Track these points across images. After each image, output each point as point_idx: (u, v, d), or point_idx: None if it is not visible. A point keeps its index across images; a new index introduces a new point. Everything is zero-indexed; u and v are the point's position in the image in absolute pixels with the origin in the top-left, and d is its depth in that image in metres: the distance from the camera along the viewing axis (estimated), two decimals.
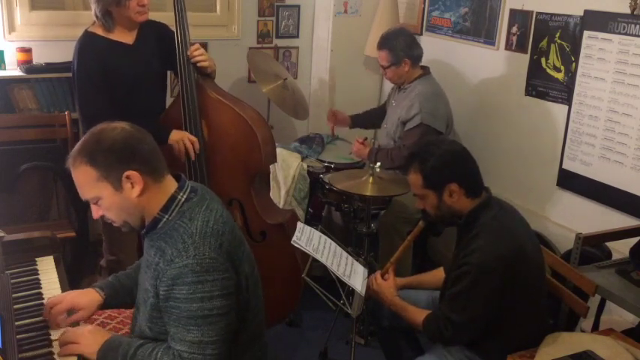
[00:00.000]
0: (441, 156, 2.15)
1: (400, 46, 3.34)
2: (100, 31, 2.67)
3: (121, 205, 1.67)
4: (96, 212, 1.72)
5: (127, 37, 2.71)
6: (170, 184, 1.73)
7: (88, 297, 1.88)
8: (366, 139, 3.62)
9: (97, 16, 2.65)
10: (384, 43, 3.39)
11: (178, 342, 1.62)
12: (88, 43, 2.66)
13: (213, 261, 1.63)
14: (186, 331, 1.61)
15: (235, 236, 1.75)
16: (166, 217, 1.69)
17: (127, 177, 1.64)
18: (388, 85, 4.25)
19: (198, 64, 2.78)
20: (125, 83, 2.69)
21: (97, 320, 2.12)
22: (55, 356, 1.69)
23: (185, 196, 1.72)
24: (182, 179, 1.77)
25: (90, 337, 1.72)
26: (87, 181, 1.65)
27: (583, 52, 3.01)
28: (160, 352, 1.65)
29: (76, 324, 1.83)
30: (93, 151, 1.64)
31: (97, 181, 1.64)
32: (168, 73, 2.98)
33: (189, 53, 2.76)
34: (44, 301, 1.89)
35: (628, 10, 2.78)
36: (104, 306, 1.93)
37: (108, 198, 1.66)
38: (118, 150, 1.65)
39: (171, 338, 1.64)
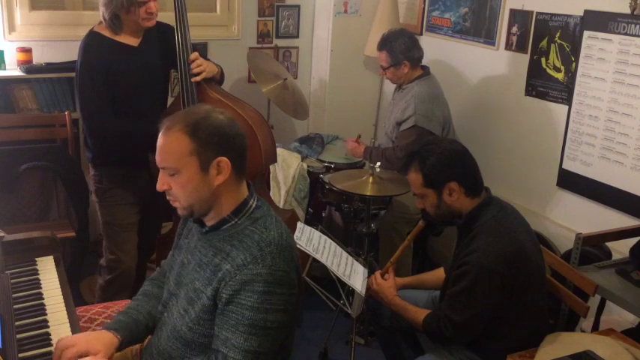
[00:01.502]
0: (441, 154, 2.15)
1: (400, 48, 3.34)
2: (106, 32, 2.67)
3: (198, 188, 1.61)
4: (164, 183, 1.64)
5: (132, 40, 2.71)
6: (244, 189, 1.70)
7: (104, 341, 1.69)
8: (359, 136, 3.62)
9: (104, 19, 2.65)
10: (384, 44, 3.39)
11: (232, 348, 1.57)
12: (93, 42, 2.66)
13: (285, 275, 1.60)
14: (243, 339, 1.56)
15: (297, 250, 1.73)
16: (235, 220, 1.66)
17: (219, 162, 1.60)
18: (388, 86, 4.25)
19: (194, 73, 2.79)
20: (129, 84, 2.69)
21: None
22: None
23: (255, 204, 1.69)
24: (251, 186, 1.73)
25: None
26: (178, 150, 1.59)
27: (583, 52, 3.01)
28: None
29: None
30: (198, 124, 1.59)
31: (188, 155, 1.58)
32: (171, 74, 2.98)
33: (190, 59, 2.77)
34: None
35: (628, 10, 2.78)
36: (120, 348, 1.77)
37: (189, 175, 1.60)
38: (222, 134, 1.61)
39: (222, 343, 1.59)
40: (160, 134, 1.63)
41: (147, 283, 1.97)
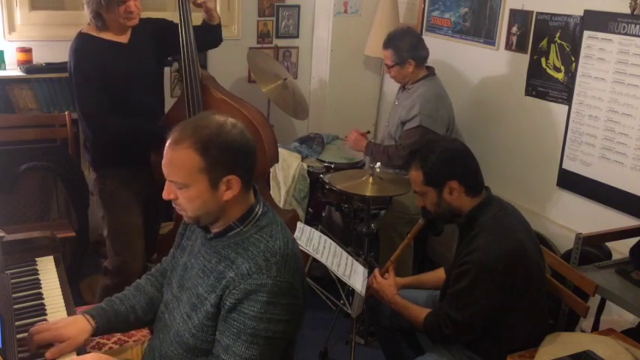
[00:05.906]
0: (442, 153, 2.15)
1: (405, 46, 3.33)
2: (93, 32, 2.67)
3: (206, 202, 1.59)
4: (170, 192, 1.60)
5: (120, 37, 2.70)
6: (251, 196, 1.67)
7: (76, 327, 1.71)
8: (368, 132, 3.60)
9: (89, 18, 2.65)
10: (390, 42, 3.37)
11: (233, 356, 1.56)
12: (83, 44, 2.65)
13: (290, 285, 1.59)
14: (245, 347, 1.55)
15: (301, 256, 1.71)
16: (241, 227, 1.64)
17: (229, 180, 1.57)
18: (388, 86, 4.26)
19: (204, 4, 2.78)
20: (123, 82, 2.68)
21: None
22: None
23: (261, 210, 1.67)
24: (257, 192, 1.70)
25: None
26: (187, 166, 1.55)
27: (583, 52, 3.01)
28: None
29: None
30: (210, 141, 1.54)
31: (198, 172, 1.54)
32: (169, 72, 2.97)
33: None
34: (44, 301, 1.89)
35: (628, 10, 2.78)
36: (95, 335, 1.78)
37: (198, 191, 1.56)
38: (233, 151, 1.57)
39: (223, 349, 1.58)
40: (167, 145, 1.58)
41: (143, 278, 1.95)
